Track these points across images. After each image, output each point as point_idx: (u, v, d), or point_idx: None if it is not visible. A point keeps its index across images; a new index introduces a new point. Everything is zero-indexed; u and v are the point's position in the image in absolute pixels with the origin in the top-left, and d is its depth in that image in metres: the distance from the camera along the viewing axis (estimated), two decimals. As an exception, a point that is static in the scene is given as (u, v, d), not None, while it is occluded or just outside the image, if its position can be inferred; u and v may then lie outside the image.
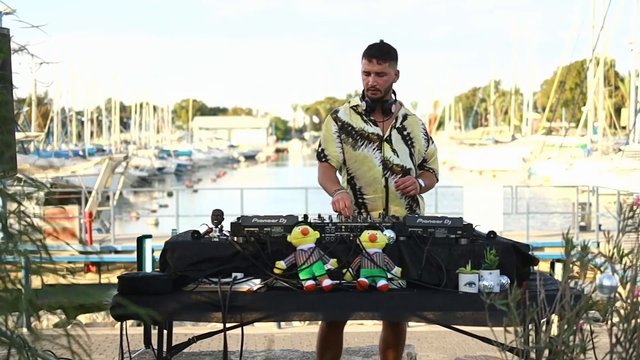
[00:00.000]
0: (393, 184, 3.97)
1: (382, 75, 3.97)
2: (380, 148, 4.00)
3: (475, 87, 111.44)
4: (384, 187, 3.97)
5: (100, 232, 18.24)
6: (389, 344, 4.12)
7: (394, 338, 4.10)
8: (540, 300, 2.19)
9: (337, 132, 4.06)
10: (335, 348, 4.04)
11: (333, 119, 4.09)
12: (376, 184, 3.97)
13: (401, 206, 3.99)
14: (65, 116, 59.40)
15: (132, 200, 36.72)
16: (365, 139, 4.01)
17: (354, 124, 4.03)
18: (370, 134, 4.01)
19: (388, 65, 3.98)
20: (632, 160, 31.25)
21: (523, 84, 68.92)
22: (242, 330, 3.75)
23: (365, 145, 4.00)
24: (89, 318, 11.44)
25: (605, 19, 37.05)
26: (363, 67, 4.00)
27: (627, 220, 2.31)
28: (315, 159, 4.24)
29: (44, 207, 16.44)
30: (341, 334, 4.05)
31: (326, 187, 4.03)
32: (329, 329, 4.01)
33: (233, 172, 65.80)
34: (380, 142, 4.01)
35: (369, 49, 4.00)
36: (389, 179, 3.98)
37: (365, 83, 4.01)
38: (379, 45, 4.00)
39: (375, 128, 4.03)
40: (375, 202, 3.98)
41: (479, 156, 57.40)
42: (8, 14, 3.61)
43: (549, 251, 14.80)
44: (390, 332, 4.11)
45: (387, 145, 4.01)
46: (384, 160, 3.99)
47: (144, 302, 3.31)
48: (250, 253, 3.49)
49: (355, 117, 4.05)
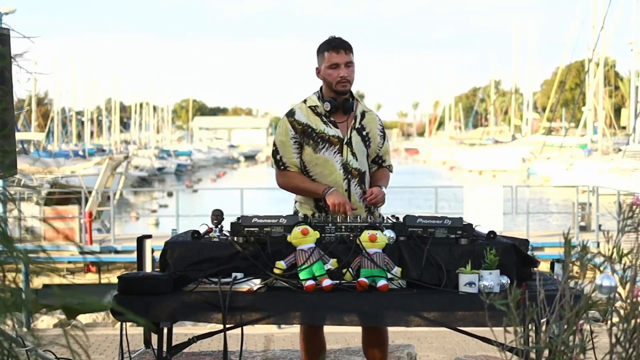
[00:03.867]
0: (354, 188, 3.94)
1: (350, 65, 3.93)
2: (341, 151, 3.94)
3: (475, 87, 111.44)
4: (345, 191, 3.93)
5: (100, 232, 18.24)
6: (371, 344, 4.03)
7: (374, 336, 4.01)
8: (540, 300, 2.19)
9: (295, 136, 3.95)
10: (320, 347, 4.06)
11: (290, 122, 3.97)
12: (337, 188, 3.90)
13: (361, 209, 3.93)
14: (65, 116, 59.38)
15: (132, 200, 36.70)
16: (326, 142, 3.93)
17: (313, 126, 3.94)
18: (331, 136, 3.94)
19: (352, 56, 3.96)
20: (632, 160, 31.24)
21: (523, 84, 68.95)
22: (242, 331, 3.76)
23: (326, 149, 3.93)
24: (89, 318, 11.44)
25: (605, 19, 37.04)
26: (328, 60, 3.90)
27: (627, 220, 2.31)
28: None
29: (44, 207, 16.48)
30: (322, 333, 4.07)
31: (310, 189, 3.92)
32: (310, 328, 4.00)
33: (233, 172, 65.78)
34: (340, 145, 3.95)
35: (330, 42, 3.94)
36: (350, 183, 3.94)
37: (333, 77, 3.90)
38: (339, 38, 3.96)
39: (335, 130, 3.95)
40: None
41: (479, 156, 57.40)
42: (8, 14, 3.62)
43: (549, 251, 14.79)
44: (370, 331, 4.01)
45: (348, 148, 3.95)
46: (345, 164, 3.94)
47: (144, 303, 3.32)
48: (250, 253, 3.49)
49: (315, 118, 3.96)
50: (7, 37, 3.85)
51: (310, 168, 3.96)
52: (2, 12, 6.79)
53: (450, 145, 77.94)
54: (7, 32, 3.86)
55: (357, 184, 3.97)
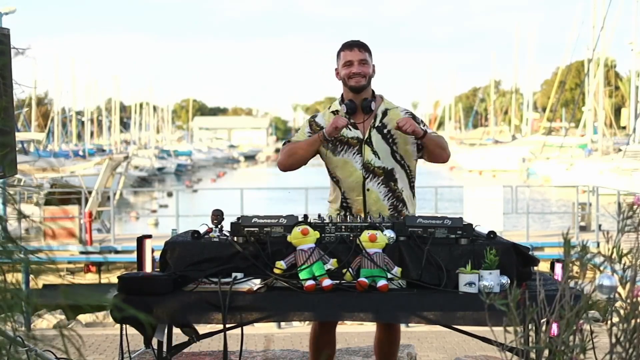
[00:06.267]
0: (374, 187, 3.95)
1: (365, 62, 3.96)
2: (360, 151, 3.97)
3: (475, 87, 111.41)
4: (367, 190, 3.96)
5: (100, 232, 18.23)
6: (383, 344, 4.09)
7: (388, 337, 4.07)
8: (540, 300, 2.19)
9: (310, 133, 4.03)
10: (329, 348, 4.05)
11: (309, 122, 4.09)
12: (359, 188, 3.95)
13: (384, 207, 3.95)
14: (65, 116, 59.37)
15: (132, 200, 36.71)
16: (345, 144, 3.97)
17: None
18: (349, 138, 3.97)
19: (368, 55, 4.00)
20: (632, 160, 31.24)
21: (523, 84, 68.91)
22: (242, 330, 3.76)
23: (345, 151, 3.97)
24: (89, 318, 11.44)
25: (605, 19, 37.03)
26: (343, 59, 3.96)
27: (627, 220, 2.31)
28: (315, 158, 4.21)
29: (45, 207, 16.47)
30: (334, 334, 4.05)
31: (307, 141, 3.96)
32: (322, 329, 4.00)
33: (233, 172, 65.77)
34: (360, 146, 3.97)
35: (346, 42, 4.01)
36: (371, 182, 3.96)
37: (347, 73, 3.95)
38: (355, 40, 4.02)
39: (355, 132, 3.98)
40: (359, 205, 3.97)
41: (479, 156, 57.38)
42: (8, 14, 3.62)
43: (549, 251, 14.79)
44: (384, 331, 4.07)
45: (368, 147, 3.97)
46: (365, 164, 3.96)
47: (144, 303, 3.32)
48: (250, 253, 3.49)
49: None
50: (7, 37, 3.85)
51: (332, 169, 4.04)
52: (2, 12, 6.79)
53: (450, 145, 77.63)
54: (7, 32, 3.86)
55: (380, 183, 3.98)
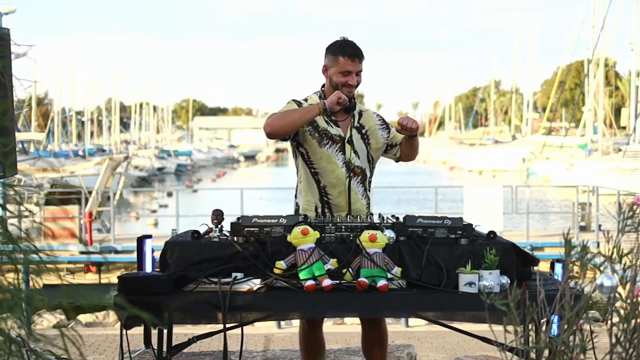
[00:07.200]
0: (356, 186, 3.97)
1: (360, 73, 3.98)
2: (343, 150, 3.98)
3: (475, 87, 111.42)
4: (347, 188, 3.96)
5: (100, 232, 18.24)
6: (371, 343, 4.04)
7: (375, 336, 4.02)
8: (540, 300, 2.19)
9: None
10: (320, 346, 4.06)
11: (296, 102, 4.02)
12: (340, 186, 3.95)
13: (362, 206, 3.98)
14: (65, 116, 59.41)
15: (132, 200, 36.70)
16: (330, 139, 3.97)
17: (317, 121, 3.97)
18: (333, 135, 3.98)
19: (362, 64, 4.01)
20: (632, 160, 31.25)
21: (523, 84, 68.94)
22: (242, 330, 3.76)
23: (329, 145, 3.97)
24: (89, 318, 11.44)
25: (605, 19, 37.06)
26: (342, 67, 3.92)
27: (627, 220, 2.31)
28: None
29: (45, 207, 16.47)
30: (322, 332, 4.06)
31: (303, 108, 3.93)
32: (310, 328, 4.01)
33: (233, 172, 65.75)
34: (342, 143, 3.98)
35: (346, 48, 3.94)
36: (352, 181, 3.97)
37: (342, 82, 3.94)
38: (353, 44, 3.98)
39: (337, 129, 3.99)
40: (340, 203, 3.96)
41: (478, 156, 57.42)
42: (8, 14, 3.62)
43: (549, 251, 14.80)
44: (370, 330, 4.03)
45: (349, 146, 3.99)
46: (347, 162, 3.97)
47: (144, 303, 3.32)
48: (250, 253, 3.49)
49: (318, 116, 3.98)
50: (7, 37, 3.85)
51: (315, 160, 3.98)
52: (2, 12, 6.78)
53: (450, 145, 77.88)
54: (7, 32, 3.86)
55: (359, 182, 4.00)
